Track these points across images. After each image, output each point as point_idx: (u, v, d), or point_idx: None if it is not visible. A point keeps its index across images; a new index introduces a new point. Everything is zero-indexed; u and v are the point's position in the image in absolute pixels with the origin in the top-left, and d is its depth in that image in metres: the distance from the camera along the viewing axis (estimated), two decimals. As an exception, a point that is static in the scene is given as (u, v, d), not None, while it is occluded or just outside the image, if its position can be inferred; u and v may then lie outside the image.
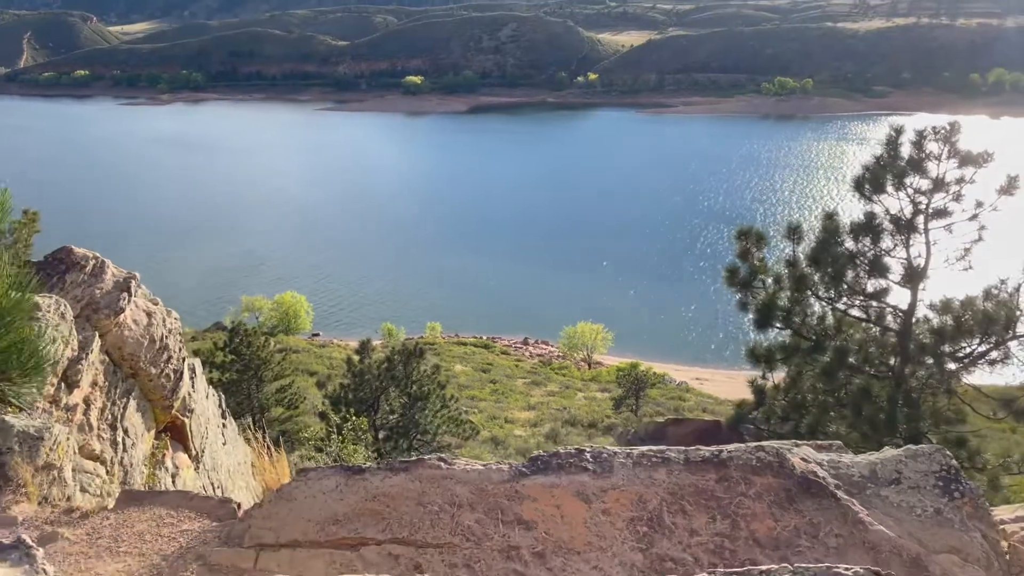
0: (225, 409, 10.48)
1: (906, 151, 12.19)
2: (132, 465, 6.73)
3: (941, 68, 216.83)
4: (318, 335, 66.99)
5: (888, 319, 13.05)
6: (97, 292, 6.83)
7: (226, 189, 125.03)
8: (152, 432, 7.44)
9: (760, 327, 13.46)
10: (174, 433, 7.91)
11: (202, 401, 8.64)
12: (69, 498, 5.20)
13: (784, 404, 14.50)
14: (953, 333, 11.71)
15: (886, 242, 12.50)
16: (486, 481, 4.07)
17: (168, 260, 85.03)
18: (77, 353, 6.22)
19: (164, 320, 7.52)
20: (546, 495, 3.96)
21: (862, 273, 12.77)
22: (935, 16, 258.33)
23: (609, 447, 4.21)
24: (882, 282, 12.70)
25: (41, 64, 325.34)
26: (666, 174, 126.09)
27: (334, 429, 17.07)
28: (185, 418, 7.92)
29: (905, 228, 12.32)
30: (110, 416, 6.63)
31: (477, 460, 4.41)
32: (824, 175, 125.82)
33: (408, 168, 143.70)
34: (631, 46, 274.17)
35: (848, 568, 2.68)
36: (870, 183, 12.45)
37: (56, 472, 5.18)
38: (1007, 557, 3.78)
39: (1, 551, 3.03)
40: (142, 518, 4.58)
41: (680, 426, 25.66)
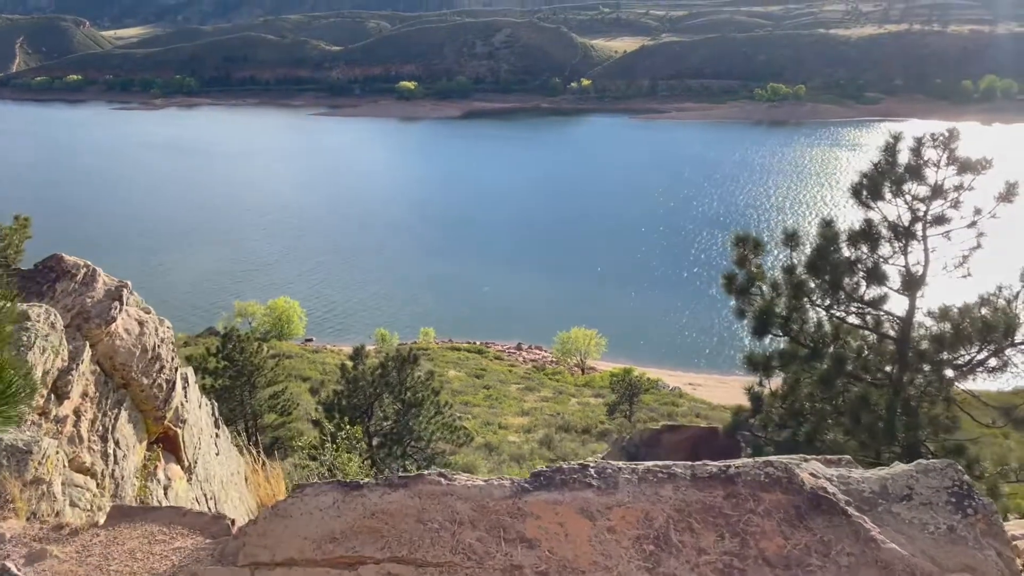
0: (218, 418, 10.34)
1: (904, 158, 12.15)
2: (123, 477, 6.60)
3: (933, 75, 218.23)
4: (311, 340, 66.82)
5: (886, 327, 12.99)
6: (88, 301, 6.71)
7: (219, 194, 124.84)
8: (144, 443, 7.31)
9: (757, 334, 13.38)
10: (166, 444, 7.78)
11: (195, 411, 8.52)
12: (58, 513, 5.07)
13: (782, 411, 14.44)
14: (952, 341, 11.65)
15: (884, 249, 12.44)
16: (487, 497, 3.97)
17: (161, 265, 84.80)
18: (67, 363, 6.10)
19: (156, 329, 7.40)
20: (549, 512, 3.86)
21: (860, 280, 12.71)
22: (927, 23, 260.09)
23: (613, 462, 4.11)
24: (880, 289, 12.63)
25: (34, 68, 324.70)
26: (659, 180, 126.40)
27: (328, 437, 16.93)
28: (178, 428, 7.79)
29: (903, 235, 12.26)
30: (101, 427, 6.50)
31: (477, 476, 4.31)
32: (817, 181, 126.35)
33: (402, 173, 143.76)
34: (624, 52, 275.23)
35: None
36: (868, 190, 12.40)
37: (45, 487, 5.06)
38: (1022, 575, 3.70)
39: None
40: (133, 535, 4.46)
41: (676, 433, 25.48)
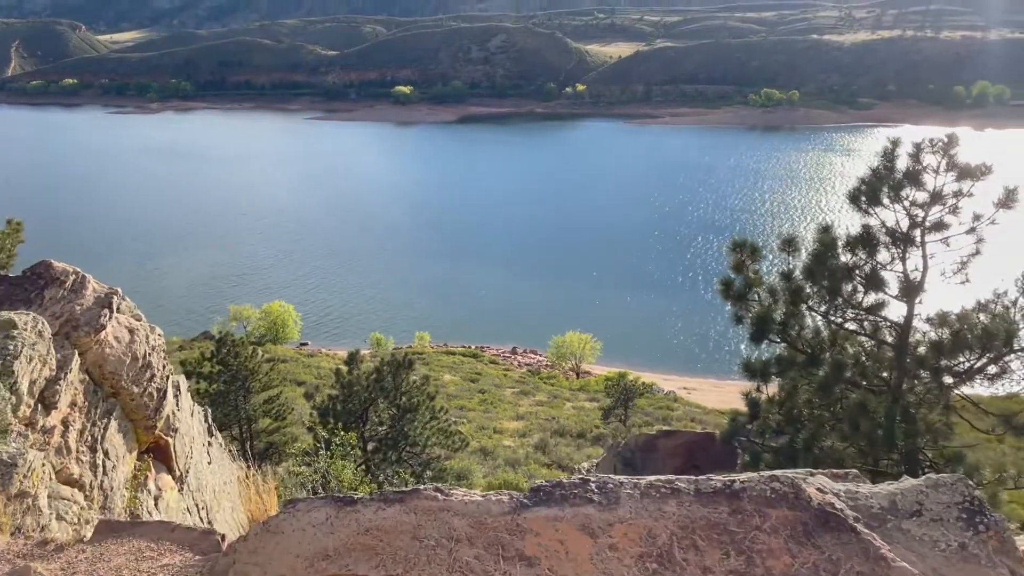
0: (211, 425, 10.19)
1: (903, 163, 12.07)
2: (112, 489, 6.46)
3: (926, 80, 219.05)
4: (306, 344, 66.60)
5: (884, 333, 12.91)
6: (77, 308, 6.58)
7: (215, 198, 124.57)
8: (134, 453, 7.17)
9: (755, 340, 13.29)
10: (157, 454, 7.64)
11: (187, 419, 8.38)
12: (44, 528, 4.94)
13: (779, 417, 14.34)
14: (951, 347, 11.57)
15: (883, 255, 12.36)
16: (485, 513, 3.86)
17: (156, 269, 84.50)
18: (55, 373, 5.97)
19: (147, 337, 7.26)
20: (549, 529, 3.75)
21: (858, 286, 12.63)
22: (920, 29, 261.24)
23: (615, 476, 4.00)
24: (878, 295, 12.55)
25: (29, 72, 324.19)
26: (654, 184, 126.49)
27: (322, 444, 16.79)
28: (169, 438, 7.65)
29: (902, 241, 12.19)
30: (89, 438, 6.36)
31: (474, 488, 4.20)
32: (810, 185, 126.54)
33: (397, 178, 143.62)
34: (619, 57, 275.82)
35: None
36: (866, 195, 12.32)
37: (30, 500, 4.93)
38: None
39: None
40: (120, 551, 4.34)
41: (672, 438, 25.40)
